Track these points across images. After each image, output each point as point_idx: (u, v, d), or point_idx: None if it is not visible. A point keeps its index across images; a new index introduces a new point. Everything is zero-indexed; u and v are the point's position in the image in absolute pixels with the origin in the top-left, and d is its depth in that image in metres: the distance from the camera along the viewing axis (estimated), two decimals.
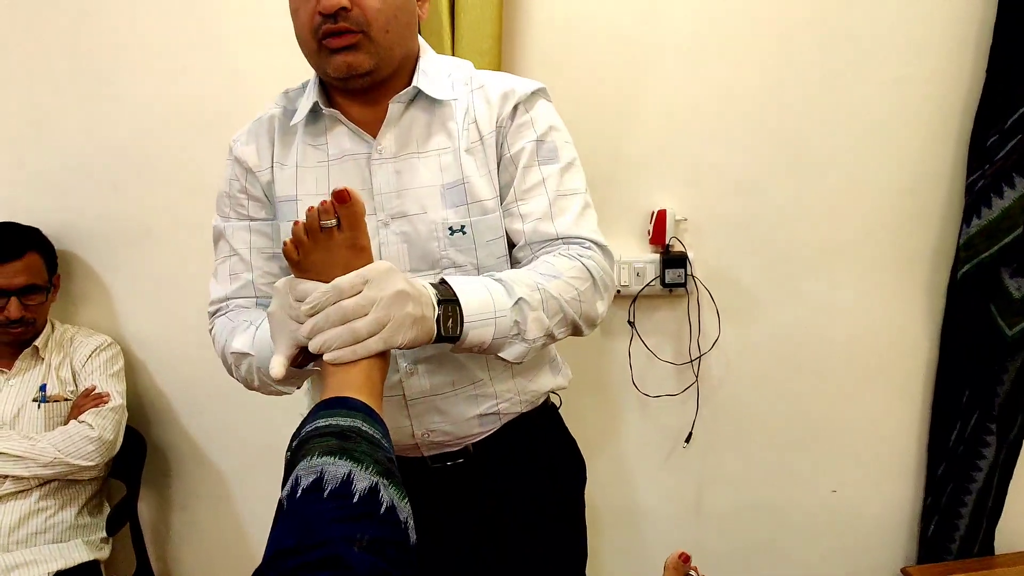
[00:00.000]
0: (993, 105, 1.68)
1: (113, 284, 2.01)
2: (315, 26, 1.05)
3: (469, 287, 0.98)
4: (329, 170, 1.14)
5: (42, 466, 1.69)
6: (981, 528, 1.87)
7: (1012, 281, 1.69)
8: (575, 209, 1.14)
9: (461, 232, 1.12)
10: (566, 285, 1.05)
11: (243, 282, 1.18)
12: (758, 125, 1.79)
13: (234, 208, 1.19)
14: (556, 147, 1.15)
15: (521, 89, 1.15)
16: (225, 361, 1.14)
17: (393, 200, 1.12)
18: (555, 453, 1.32)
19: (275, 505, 0.66)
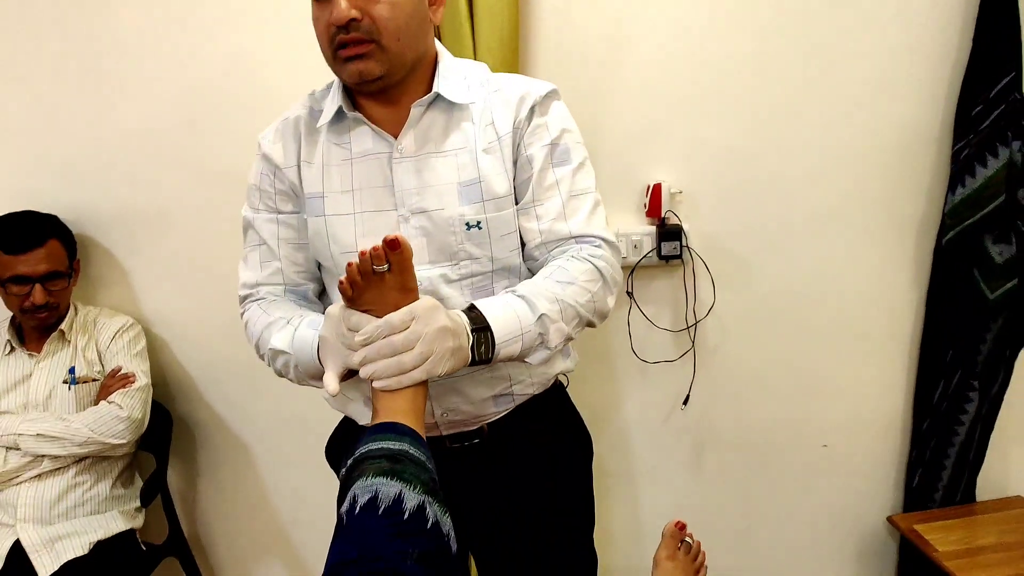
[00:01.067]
0: (978, 76, 1.73)
1: (131, 266, 2.08)
2: (331, 36, 1.11)
3: (497, 311, 1.07)
4: (352, 167, 1.21)
5: (77, 445, 1.79)
6: (963, 478, 1.98)
7: (995, 247, 1.77)
8: (586, 208, 1.22)
9: (477, 227, 1.19)
10: (581, 290, 1.14)
11: (272, 269, 1.27)
12: (749, 97, 1.84)
13: (263, 201, 1.27)
14: (569, 148, 1.23)
15: (536, 92, 1.21)
16: (259, 350, 1.24)
17: (413, 196, 1.19)
18: (565, 433, 1.41)
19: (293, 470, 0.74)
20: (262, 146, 1.28)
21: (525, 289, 1.12)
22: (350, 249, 1.21)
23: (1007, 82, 1.69)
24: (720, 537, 2.10)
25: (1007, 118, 1.70)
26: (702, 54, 1.81)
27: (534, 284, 1.14)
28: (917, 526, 1.92)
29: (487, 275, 1.22)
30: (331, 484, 2.21)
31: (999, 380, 1.91)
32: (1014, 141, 1.70)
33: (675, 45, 1.80)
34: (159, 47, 1.89)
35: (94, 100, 1.95)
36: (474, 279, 1.22)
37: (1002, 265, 1.76)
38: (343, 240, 1.22)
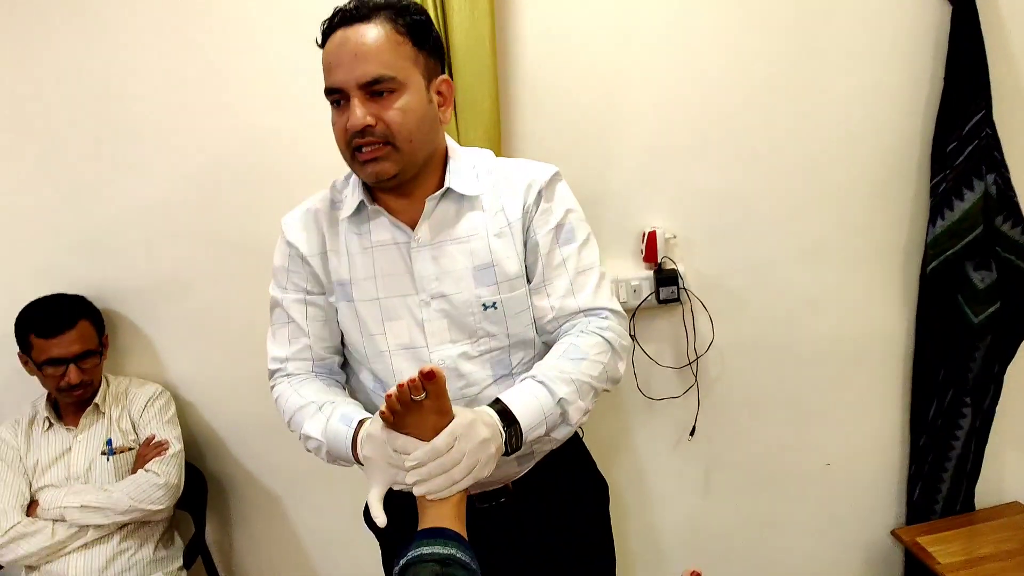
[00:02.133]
0: (951, 113, 1.82)
1: (155, 334, 2.17)
2: (348, 139, 1.21)
3: (521, 402, 1.17)
4: (374, 255, 1.31)
5: (119, 514, 1.89)
6: (962, 489, 2.08)
7: (976, 274, 1.85)
8: (592, 283, 1.31)
9: (493, 307, 1.29)
10: (592, 363, 1.23)
11: (301, 346, 1.37)
12: (736, 140, 1.92)
13: (291, 281, 1.37)
14: (573, 228, 1.32)
15: (541, 178, 1.31)
16: (290, 427, 1.34)
17: (432, 282, 1.29)
18: (583, 481, 1.52)
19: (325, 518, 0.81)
20: (286, 233, 1.37)
21: (543, 373, 1.21)
22: (377, 332, 1.32)
23: (978, 119, 1.78)
24: (732, 556, 2.21)
25: (980, 153, 1.78)
26: (689, 105, 1.89)
27: (550, 366, 1.22)
28: (920, 539, 2.02)
29: (504, 349, 1.32)
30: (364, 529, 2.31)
31: (990, 394, 2.00)
32: (988, 174, 1.79)
33: (663, 98, 1.89)
34: (175, 126, 1.97)
35: (112, 178, 2.03)
36: (492, 354, 1.31)
37: (984, 290, 1.85)
38: (370, 324, 1.32)
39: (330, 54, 1.19)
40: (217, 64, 1.91)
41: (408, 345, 1.31)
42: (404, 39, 1.18)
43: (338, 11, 1.19)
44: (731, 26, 1.85)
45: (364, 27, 1.16)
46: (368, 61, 1.16)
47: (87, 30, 1.89)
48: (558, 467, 1.44)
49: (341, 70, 1.17)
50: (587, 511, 1.51)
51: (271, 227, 1.98)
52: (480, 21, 1.72)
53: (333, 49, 1.18)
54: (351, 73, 1.16)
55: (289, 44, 1.87)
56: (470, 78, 1.76)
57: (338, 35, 1.18)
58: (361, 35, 1.16)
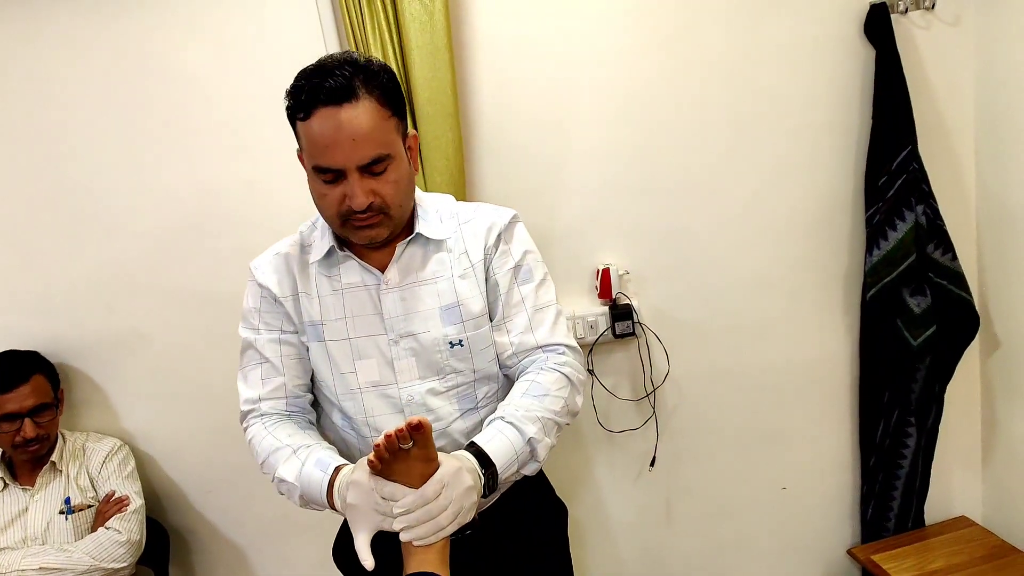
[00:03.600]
0: (880, 149, 1.93)
1: (111, 388, 2.15)
2: (342, 212, 1.24)
3: (496, 444, 1.22)
4: (344, 297, 1.35)
5: (80, 574, 1.85)
6: (912, 506, 2.15)
7: (912, 299, 1.95)
8: (549, 320, 1.38)
9: (459, 345, 1.35)
10: (554, 399, 1.30)
11: (275, 385, 1.39)
12: (681, 179, 2.01)
13: (263, 321, 1.40)
14: (531, 268, 1.40)
15: (500, 221, 1.38)
16: (263, 470, 1.35)
17: (401, 322, 1.34)
18: (543, 508, 1.57)
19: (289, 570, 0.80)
20: (257, 276, 1.40)
21: (510, 413, 1.26)
22: (348, 370, 1.36)
23: (906, 154, 1.89)
24: None
25: (909, 186, 1.89)
26: (636, 148, 1.97)
27: (516, 405, 1.28)
28: (875, 556, 2.08)
29: (470, 384, 1.38)
30: None
31: (933, 413, 2.09)
32: (918, 205, 1.89)
33: (612, 141, 1.97)
34: (130, 180, 1.97)
35: (65, 235, 2.02)
36: (459, 389, 1.37)
37: (921, 315, 1.94)
38: (341, 363, 1.36)
39: (324, 136, 1.18)
40: (171, 117, 1.93)
41: (378, 383, 1.35)
42: (388, 113, 1.22)
43: (315, 85, 1.18)
44: (674, 73, 1.94)
45: (353, 108, 1.17)
46: (366, 144, 1.19)
47: (38, 88, 1.90)
48: (520, 495, 1.49)
49: (340, 154, 1.19)
50: (547, 534, 1.56)
51: (229, 278, 2.03)
52: (441, 71, 1.78)
53: (326, 132, 1.18)
54: (351, 158, 1.19)
55: (244, 95, 1.91)
56: (434, 126, 1.81)
57: (325, 115, 1.18)
58: (353, 118, 1.17)
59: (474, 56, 1.90)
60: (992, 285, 2.05)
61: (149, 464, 2.20)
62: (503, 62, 1.91)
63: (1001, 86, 1.91)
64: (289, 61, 1.85)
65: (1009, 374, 2.07)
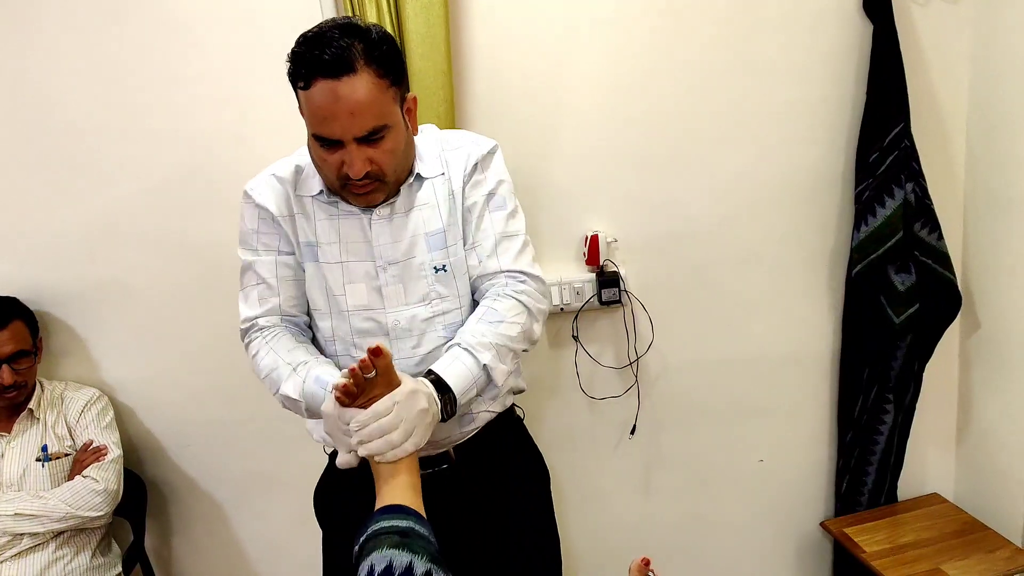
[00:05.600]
0: (873, 125, 1.93)
1: (91, 338, 2.13)
2: (340, 177, 1.27)
3: (453, 371, 1.28)
4: (339, 222, 1.38)
5: (55, 521, 1.85)
6: (886, 482, 2.18)
7: (897, 277, 1.96)
8: (515, 248, 1.42)
9: (443, 270, 1.40)
10: (510, 325, 1.35)
11: (271, 305, 1.43)
12: (673, 149, 2.00)
13: (261, 242, 1.42)
14: (504, 197, 1.44)
15: (478, 151, 1.43)
16: (266, 386, 1.39)
17: (388, 249, 1.38)
18: (524, 462, 1.60)
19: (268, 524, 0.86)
20: (255, 197, 1.41)
21: (466, 340, 1.32)
22: (339, 293, 1.40)
23: (898, 131, 1.89)
24: (670, 550, 2.28)
25: (900, 163, 1.89)
26: (630, 116, 1.96)
27: (471, 331, 1.34)
28: (847, 529, 2.11)
29: (456, 311, 1.42)
30: (307, 535, 2.34)
31: (911, 391, 2.12)
32: (907, 183, 1.90)
33: (606, 108, 1.95)
34: (116, 128, 1.94)
35: (48, 181, 1.99)
36: (445, 316, 1.41)
37: (904, 293, 1.96)
38: (333, 285, 1.40)
39: (322, 107, 1.20)
40: (162, 65, 1.89)
41: (366, 307, 1.40)
42: (387, 83, 1.23)
43: (314, 56, 1.18)
44: (670, 42, 1.92)
45: (352, 81, 1.18)
46: (364, 116, 1.21)
47: (23, 32, 1.85)
48: (498, 439, 1.53)
49: (338, 125, 1.21)
50: (530, 490, 1.59)
51: (216, 230, 2.01)
52: (435, 28, 1.77)
53: (324, 103, 1.19)
54: (349, 129, 1.21)
55: (236, 45, 1.88)
56: (427, 83, 1.79)
57: (324, 87, 1.18)
58: (352, 91, 1.18)
59: (469, 16, 1.87)
60: (975, 266, 2.07)
61: (128, 416, 2.18)
62: (499, 24, 1.88)
63: (996, 68, 1.91)
64: (282, 12, 1.85)
65: (987, 355, 2.09)
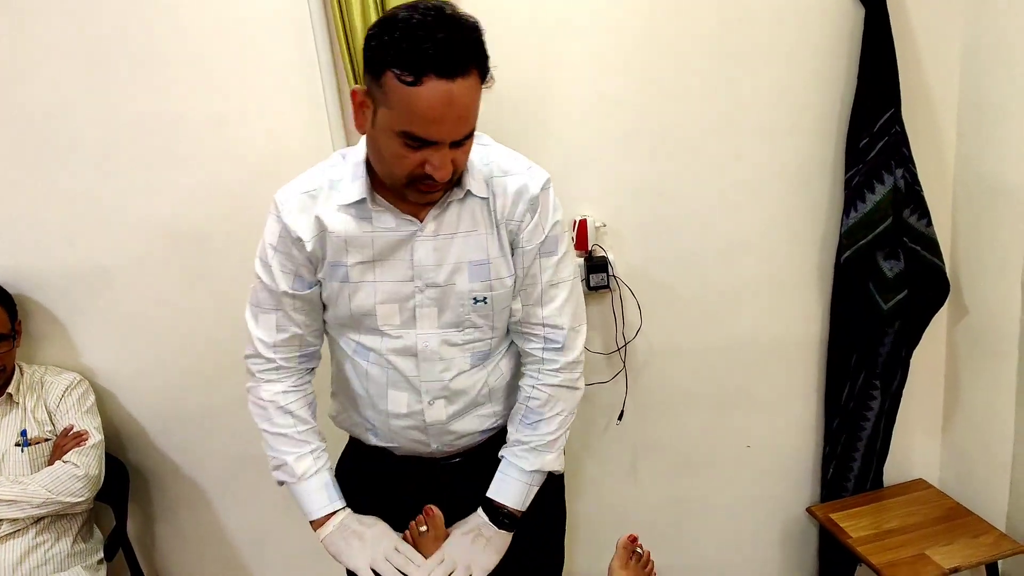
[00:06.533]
0: (863, 111, 1.91)
1: (71, 322, 2.09)
2: (415, 175, 1.19)
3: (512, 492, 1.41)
4: (374, 240, 1.32)
5: (35, 507, 1.82)
6: (872, 468, 2.19)
7: (885, 263, 1.96)
8: (561, 297, 1.40)
9: (483, 302, 1.36)
10: (553, 420, 1.44)
11: (290, 334, 1.40)
12: (661, 136, 1.98)
13: (280, 266, 1.36)
14: (556, 240, 1.39)
15: (533, 187, 1.35)
16: (261, 436, 1.47)
17: (429, 272, 1.33)
18: None
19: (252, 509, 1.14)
20: (282, 214, 1.33)
21: (514, 453, 1.43)
22: (369, 312, 1.36)
23: (888, 116, 1.88)
24: (657, 535, 2.26)
25: (890, 149, 1.88)
26: (618, 98, 1.94)
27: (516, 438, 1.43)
28: (833, 515, 2.12)
29: (487, 341, 1.41)
30: (291, 521, 2.32)
31: (898, 378, 2.12)
32: (897, 169, 1.89)
33: (592, 90, 1.93)
34: (96, 107, 1.90)
35: (26, 162, 1.94)
36: (475, 344, 1.40)
37: (893, 279, 1.95)
38: (363, 304, 1.35)
39: (432, 109, 1.11)
40: (141, 45, 1.85)
41: (397, 326, 1.36)
42: (481, 82, 1.17)
43: (428, 52, 1.08)
44: (659, 27, 1.89)
45: (464, 83, 1.11)
46: (469, 121, 1.17)
47: None
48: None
49: (444, 130, 1.14)
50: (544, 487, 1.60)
51: (197, 213, 1.98)
52: None
53: (435, 106, 1.11)
54: (452, 134, 1.16)
55: (216, 26, 1.83)
56: None
57: (438, 88, 1.10)
58: (463, 94, 1.12)
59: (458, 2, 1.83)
60: (964, 253, 2.07)
61: (110, 401, 2.15)
62: (487, 9, 1.81)
63: (987, 54, 1.90)
64: None
65: (974, 342, 2.10)
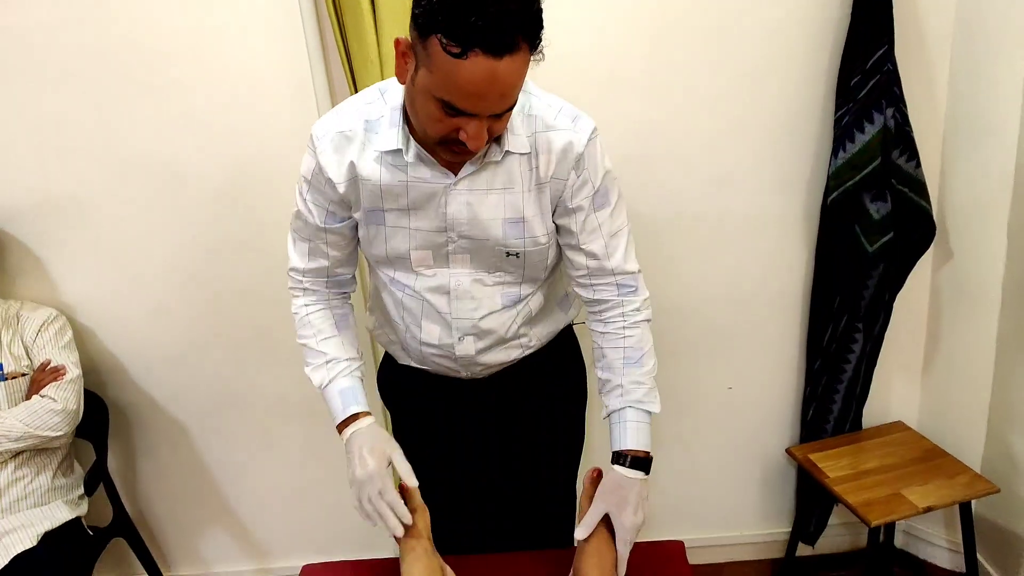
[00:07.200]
0: (856, 48, 1.87)
1: (47, 256, 2.07)
2: (448, 138, 1.16)
3: (642, 438, 1.44)
4: (408, 188, 1.30)
5: (13, 441, 1.81)
6: (851, 410, 2.20)
7: (872, 205, 1.94)
8: (623, 246, 1.41)
9: (516, 256, 1.37)
10: (650, 354, 1.49)
11: (318, 265, 1.44)
12: (650, 73, 1.93)
13: (314, 201, 1.37)
14: (607, 191, 1.37)
15: (579, 141, 1.30)
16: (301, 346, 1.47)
17: (463, 225, 1.33)
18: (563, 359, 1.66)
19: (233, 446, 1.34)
20: (318, 152, 1.31)
21: (634, 397, 1.44)
22: (403, 255, 1.38)
23: (881, 54, 1.83)
24: None
25: (881, 87, 1.84)
26: (605, 37, 1.88)
27: (636, 383, 1.45)
28: (811, 455, 2.14)
29: (516, 284, 1.43)
30: (271, 456, 2.33)
31: (880, 321, 2.12)
32: (888, 108, 1.86)
33: (576, 25, 1.87)
34: (69, 31, 1.84)
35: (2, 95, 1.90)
36: (504, 287, 1.42)
37: (879, 221, 1.94)
38: (398, 247, 1.37)
39: (473, 84, 1.07)
40: None
41: (430, 266, 1.39)
42: (532, 55, 1.12)
43: (478, 26, 1.02)
44: None
45: (512, 60, 1.06)
46: (511, 96, 1.13)
47: None
48: (550, 352, 1.60)
49: (484, 105, 1.11)
50: (566, 410, 1.67)
51: (174, 144, 1.93)
52: None
53: (477, 81, 1.07)
54: (492, 108, 1.12)
55: None
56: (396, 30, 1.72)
57: (482, 64, 1.05)
58: (509, 72, 1.07)
59: None
60: (951, 197, 2.05)
61: (89, 337, 2.14)
62: None
63: None
64: None
65: (958, 287, 2.09)
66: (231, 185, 1.99)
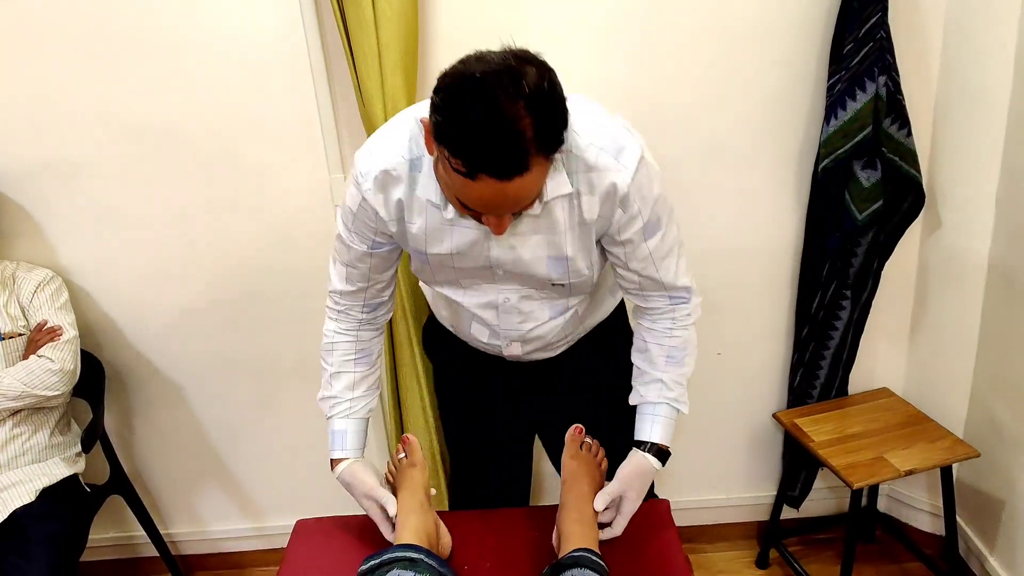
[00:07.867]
0: (849, 15, 1.87)
1: (44, 218, 2.07)
2: (472, 215, 1.19)
3: (666, 430, 1.46)
4: (452, 233, 1.31)
5: (11, 400, 1.84)
6: (838, 376, 2.24)
7: (863, 173, 1.95)
8: (673, 265, 1.43)
9: (561, 286, 1.41)
10: (692, 353, 1.51)
11: (357, 289, 1.47)
12: (642, 42, 1.93)
13: (357, 231, 1.38)
14: (659, 218, 1.34)
15: (623, 182, 1.25)
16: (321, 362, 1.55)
17: (507, 264, 1.36)
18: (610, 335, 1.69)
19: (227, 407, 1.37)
20: (364, 190, 1.30)
21: (671, 393, 1.47)
22: (453, 282, 1.44)
23: (875, 21, 1.83)
24: None
25: (874, 55, 1.85)
26: (597, 4, 1.88)
27: (674, 381, 1.48)
28: (798, 420, 2.18)
29: (564, 300, 1.47)
30: (266, 417, 2.35)
31: (868, 289, 2.14)
32: (880, 76, 1.86)
33: None
34: None
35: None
36: (551, 300, 1.46)
37: (869, 189, 1.95)
38: (447, 278, 1.43)
39: (483, 199, 1.09)
40: None
41: (479, 286, 1.43)
42: (551, 159, 1.10)
43: (482, 157, 1.01)
44: None
45: (522, 180, 1.04)
46: (526, 201, 1.15)
47: None
48: (605, 329, 1.67)
49: (498, 211, 1.14)
50: (618, 355, 1.61)
51: (167, 104, 1.93)
52: None
53: (487, 197, 1.08)
54: (505, 211, 1.15)
55: None
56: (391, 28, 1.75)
57: (491, 186, 1.04)
58: (521, 188, 1.06)
59: None
60: (942, 166, 2.06)
61: (85, 299, 2.16)
62: None
63: None
64: None
65: (946, 256, 2.11)
66: (227, 147, 1.99)
